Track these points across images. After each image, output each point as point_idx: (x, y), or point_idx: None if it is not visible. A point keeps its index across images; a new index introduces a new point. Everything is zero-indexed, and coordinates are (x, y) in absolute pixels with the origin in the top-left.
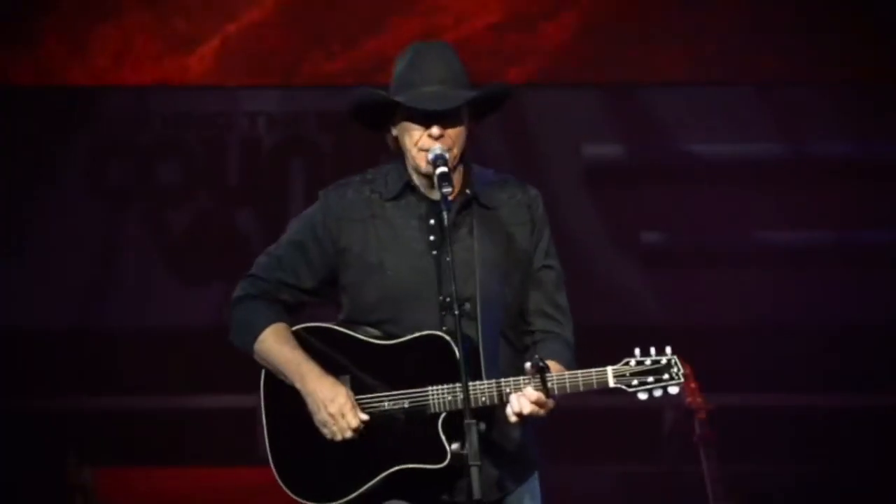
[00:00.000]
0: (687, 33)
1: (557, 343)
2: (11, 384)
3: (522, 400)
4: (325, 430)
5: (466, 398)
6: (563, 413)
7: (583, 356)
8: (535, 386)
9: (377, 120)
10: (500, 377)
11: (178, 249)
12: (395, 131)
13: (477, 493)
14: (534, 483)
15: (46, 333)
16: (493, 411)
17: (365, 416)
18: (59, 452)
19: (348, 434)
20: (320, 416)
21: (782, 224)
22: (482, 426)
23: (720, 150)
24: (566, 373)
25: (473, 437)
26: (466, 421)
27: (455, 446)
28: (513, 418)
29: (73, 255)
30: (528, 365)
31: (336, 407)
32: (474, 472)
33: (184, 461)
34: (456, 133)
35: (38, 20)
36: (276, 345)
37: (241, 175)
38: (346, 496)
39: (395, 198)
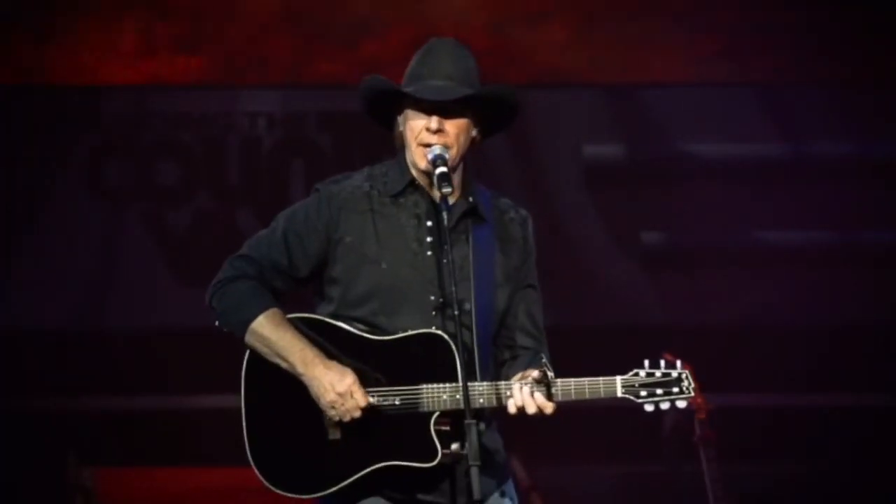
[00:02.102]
0: (687, 33)
1: (541, 357)
2: (11, 384)
3: (527, 396)
4: (332, 412)
5: (466, 397)
6: (564, 413)
7: (582, 355)
8: (539, 389)
9: (387, 112)
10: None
11: (178, 249)
12: (400, 125)
13: (477, 494)
14: (510, 485)
15: (46, 333)
16: (481, 414)
17: (372, 399)
18: (59, 452)
19: (357, 414)
20: (328, 397)
21: (782, 224)
22: (482, 426)
23: (720, 150)
24: (572, 379)
25: (473, 437)
26: (467, 421)
27: (455, 446)
28: (513, 410)
29: (73, 255)
30: (535, 373)
31: (344, 386)
32: (474, 472)
33: (184, 461)
34: (455, 130)
35: (38, 21)
36: (276, 329)
37: (241, 175)
38: (326, 489)
39: (397, 195)
